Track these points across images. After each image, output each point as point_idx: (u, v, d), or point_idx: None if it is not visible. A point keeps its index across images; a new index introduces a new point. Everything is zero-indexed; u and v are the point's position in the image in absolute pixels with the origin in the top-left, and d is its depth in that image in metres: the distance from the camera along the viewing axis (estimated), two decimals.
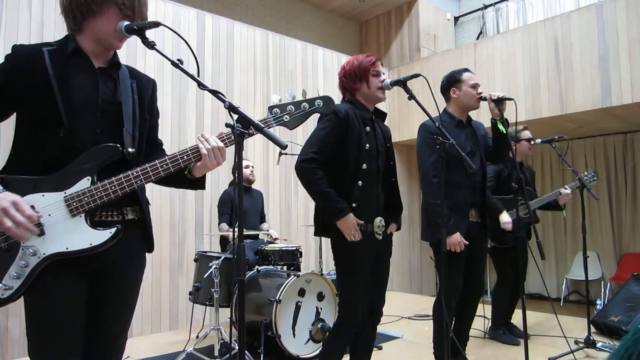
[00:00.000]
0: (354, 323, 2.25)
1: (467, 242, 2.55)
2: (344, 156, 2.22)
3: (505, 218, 3.30)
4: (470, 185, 2.69)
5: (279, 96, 1.52)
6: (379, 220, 2.28)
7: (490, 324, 3.75)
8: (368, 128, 2.28)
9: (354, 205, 2.20)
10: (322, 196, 2.18)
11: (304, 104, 1.53)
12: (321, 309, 3.34)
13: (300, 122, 1.53)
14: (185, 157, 1.42)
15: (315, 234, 2.37)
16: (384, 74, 2.36)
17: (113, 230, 1.35)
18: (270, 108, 1.50)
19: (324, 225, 2.28)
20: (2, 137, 3.54)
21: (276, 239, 4.29)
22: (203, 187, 1.59)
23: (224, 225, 4.10)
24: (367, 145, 2.24)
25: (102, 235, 1.34)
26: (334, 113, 2.21)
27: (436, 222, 2.55)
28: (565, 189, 3.63)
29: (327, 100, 1.56)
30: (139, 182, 1.37)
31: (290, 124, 1.51)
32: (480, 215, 2.78)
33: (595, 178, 3.61)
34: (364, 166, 2.23)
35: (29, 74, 1.34)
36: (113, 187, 1.34)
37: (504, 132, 2.68)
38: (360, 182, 2.22)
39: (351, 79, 2.32)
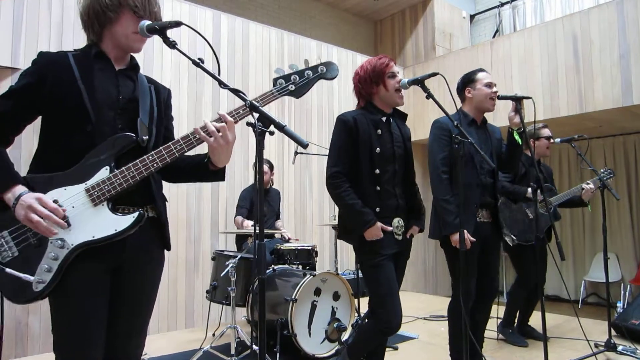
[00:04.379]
0: (394, 323, 2.22)
1: (473, 240, 2.51)
2: (358, 162, 2.25)
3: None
4: (480, 184, 2.66)
5: (282, 68, 1.53)
6: (397, 221, 2.30)
7: (501, 321, 3.72)
8: (380, 131, 2.28)
9: (377, 210, 2.24)
10: (348, 209, 2.23)
11: (308, 71, 1.55)
12: (337, 308, 3.33)
13: (306, 89, 1.55)
14: (197, 135, 1.42)
15: (339, 237, 2.41)
16: (398, 73, 2.35)
17: (136, 214, 1.39)
18: (275, 80, 1.52)
19: (346, 229, 2.33)
20: (23, 141, 3.60)
21: (289, 239, 4.30)
22: (222, 179, 1.62)
23: (239, 218, 4.13)
24: (378, 149, 2.25)
25: (125, 220, 1.38)
26: (342, 122, 2.26)
27: (443, 219, 2.55)
28: (588, 184, 3.56)
29: (329, 65, 1.58)
30: (154, 165, 1.40)
31: (296, 93, 1.53)
32: (492, 215, 2.75)
33: (612, 175, 3.54)
34: (377, 171, 2.25)
35: (56, 75, 1.40)
36: (131, 173, 1.38)
37: (519, 143, 2.65)
38: (377, 187, 2.25)
39: (367, 84, 2.32)
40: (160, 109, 1.59)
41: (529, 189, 3.40)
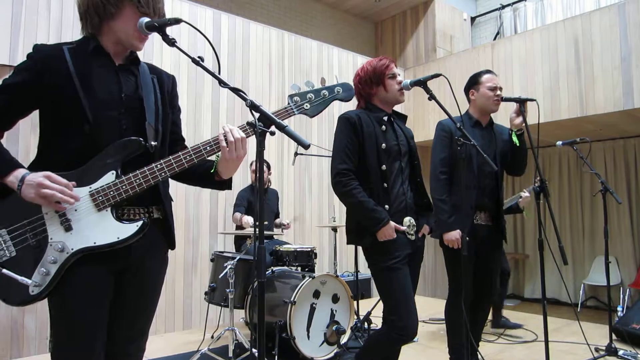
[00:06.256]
0: (410, 329, 2.11)
1: (466, 238, 2.49)
2: (365, 159, 2.21)
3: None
4: (479, 187, 2.67)
5: (298, 85, 1.52)
6: (408, 220, 2.24)
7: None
8: (384, 127, 2.26)
9: (386, 207, 2.17)
10: (359, 206, 2.14)
11: (324, 91, 1.54)
12: (336, 311, 3.31)
13: (320, 110, 1.54)
14: (208, 147, 1.40)
15: (349, 242, 2.31)
16: (399, 75, 2.34)
17: (139, 223, 1.35)
18: (291, 96, 1.50)
19: (358, 232, 2.23)
20: (20, 137, 3.58)
21: (288, 223, 4.39)
22: (230, 187, 1.59)
23: (237, 214, 4.11)
24: (384, 144, 2.21)
25: (129, 229, 1.34)
26: (345, 120, 2.23)
27: (438, 218, 2.60)
28: (524, 192, 3.59)
29: (346, 86, 1.57)
30: (163, 174, 1.36)
31: (310, 112, 1.52)
32: (492, 219, 2.74)
33: (538, 187, 3.56)
34: (384, 167, 2.21)
35: (51, 71, 1.34)
36: (138, 180, 1.34)
37: (517, 144, 2.65)
38: (385, 184, 2.20)
39: (367, 84, 2.31)
40: (165, 102, 1.53)
41: None
